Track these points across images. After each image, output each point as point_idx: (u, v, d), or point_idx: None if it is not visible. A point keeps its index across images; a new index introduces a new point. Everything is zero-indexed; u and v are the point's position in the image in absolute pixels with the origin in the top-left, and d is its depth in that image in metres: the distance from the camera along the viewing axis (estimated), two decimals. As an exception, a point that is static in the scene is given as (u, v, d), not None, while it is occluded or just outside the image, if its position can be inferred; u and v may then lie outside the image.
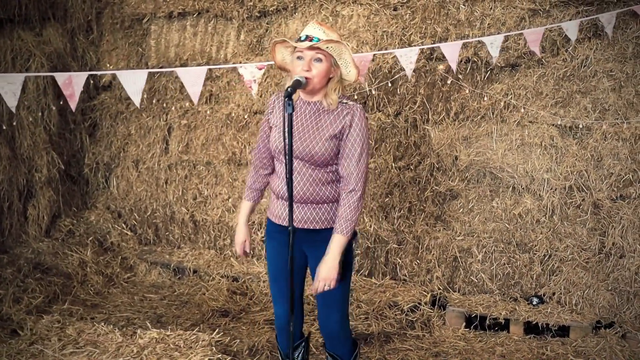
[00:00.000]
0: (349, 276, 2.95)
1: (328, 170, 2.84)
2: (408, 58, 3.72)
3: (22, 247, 5.25)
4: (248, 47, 5.36)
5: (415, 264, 4.82)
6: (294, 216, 2.79)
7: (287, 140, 2.62)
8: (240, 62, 5.26)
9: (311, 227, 2.86)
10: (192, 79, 3.37)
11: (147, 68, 5.67)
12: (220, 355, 3.17)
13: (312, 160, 2.80)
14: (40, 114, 5.31)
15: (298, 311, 3.09)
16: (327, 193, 2.85)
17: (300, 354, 3.21)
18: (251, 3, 5.27)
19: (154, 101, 5.70)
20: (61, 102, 5.37)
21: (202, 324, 4.47)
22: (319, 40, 2.72)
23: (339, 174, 2.86)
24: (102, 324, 3.57)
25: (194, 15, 5.51)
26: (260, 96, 5.21)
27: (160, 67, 5.59)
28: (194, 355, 3.12)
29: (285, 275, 2.90)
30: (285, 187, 2.78)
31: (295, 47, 2.78)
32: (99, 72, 3.58)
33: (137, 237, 5.80)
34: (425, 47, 4.27)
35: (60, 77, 3.26)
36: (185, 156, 5.57)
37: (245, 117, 5.29)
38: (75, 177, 5.93)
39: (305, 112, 2.85)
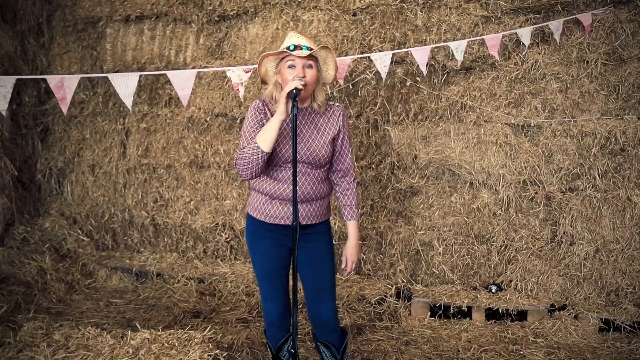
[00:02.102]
0: (334, 263, 3.14)
1: (325, 169, 3.07)
2: (382, 62, 3.93)
3: (-24, 257, 5.09)
4: (207, 51, 5.41)
5: (379, 259, 5.02)
6: (290, 215, 2.96)
7: (294, 141, 2.75)
8: (201, 66, 5.30)
9: (309, 223, 3.03)
10: (182, 82, 3.42)
11: (103, 72, 5.61)
12: (217, 351, 3.23)
13: (317, 162, 2.98)
14: (-8, 118, 5.17)
15: (288, 305, 3.22)
16: (324, 190, 3.07)
17: (290, 346, 3.32)
18: (211, 7, 5.33)
19: (109, 105, 5.64)
20: (14, 106, 5.25)
21: (175, 326, 4.49)
22: (307, 48, 2.89)
23: (330, 170, 3.12)
24: (90, 327, 3.54)
25: (152, 19, 5.51)
26: (223, 99, 5.29)
27: (116, 71, 5.55)
28: (193, 352, 3.17)
29: (279, 272, 3.09)
30: (289, 189, 2.93)
31: (284, 57, 2.92)
32: (94, 75, 3.53)
33: (94, 242, 5.72)
34: (399, 51, 4.49)
35: (52, 80, 3.25)
36: (144, 160, 5.54)
37: (207, 119, 5.33)
38: (27, 183, 5.77)
39: (300, 119, 2.99)
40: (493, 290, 4.70)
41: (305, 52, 2.87)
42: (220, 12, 5.33)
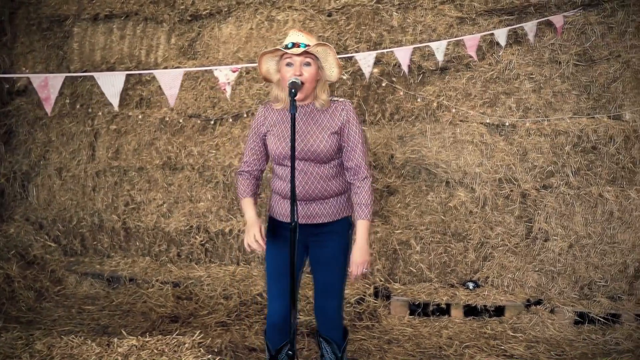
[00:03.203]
0: (347, 264, 3.10)
1: (332, 165, 3.01)
2: (366, 62, 3.94)
3: (-64, 265, 4.87)
4: (180, 51, 5.33)
5: (356, 259, 5.02)
6: (304, 213, 2.98)
7: (292, 139, 2.74)
8: (173, 66, 5.22)
9: (320, 222, 3.00)
10: (169, 81, 3.35)
11: (69, 72, 5.45)
12: (210, 356, 3.17)
13: (317, 158, 2.95)
14: (-47, 121, 4.96)
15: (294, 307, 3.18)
16: (334, 187, 3.01)
17: (289, 348, 3.29)
18: (183, 7, 5.25)
19: (77, 106, 5.49)
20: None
21: (154, 331, 4.39)
22: (306, 45, 2.88)
23: (342, 167, 3.05)
24: (72, 336, 3.43)
25: (122, 18, 5.39)
26: (196, 100, 5.21)
27: (84, 71, 5.40)
28: (184, 358, 3.11)
29: (288, 272, 3.04)
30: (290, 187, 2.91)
31: (283, 55, 2.91)
32: (79, 74, 3.41)
33: (61, 248, 5.55)
34: (384, 51, 4.51)
35: (36, 79, 3.13)
36: (115, 162, 5.42)
37: (180, 121, 5.25)
38: (-11, 187, 5.58)
39: (301, 115, 2.97)
40: (470, 287, 4.77)
41: (299, 50, 2.86)
42: (193, 11, 5.27)
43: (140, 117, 5.34)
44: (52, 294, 5.08)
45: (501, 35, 4.43)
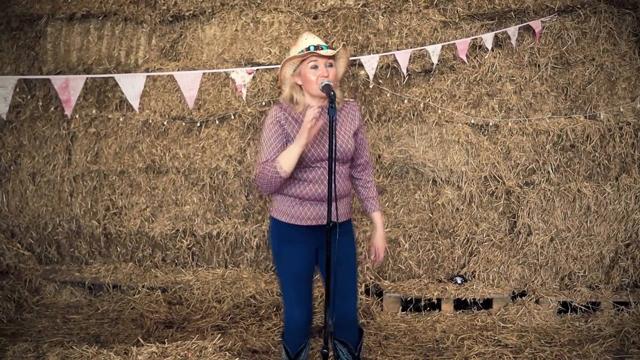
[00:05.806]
0: (357, 263, 3.17)
1: (348, 166, 3.10)
2: (370, 64, 4.03)
3: None
4: (161, 52, 5.23)
5: (345, 258, 5.09)
6: (319, 214, 3.00)
7: (331, 143, 2.78)
8: (155, 68, 5.12)
9: (337, 221, 3.01)
10: (189, 83, 3.30)
11: (42, 73, 5.25)
12: (238, 359, 3.15)
13: (344, 158, 3.00)
14: None
15: (312, 311, 3.21)
16: (348, 186, 3.10)
17: (306, 352, 3.31)
18: (164, 7, 5.15)
19: (50, 109, 5.28)
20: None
21: (150, 338, 4.31)
22: (326, 47, 2.95)
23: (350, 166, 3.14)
24: (85, 346, 3.31)
25: (99, 18, 5.23)
26: (180, 102, 5.13)
27: (58, 73, 5.21)
28: (212, 362, 3.08)
29: (307, 276, 3.08)
30: (320, 188, 2.95)
31: (305, 59, 2.94)
32: (99, 76, 3.27)
33: (35, 256, 5.33)
34: (384, 54, 4.60)
35: (57, 81, 3.02)
36: (94, 166, 5.24)
37: (165, 123, 5.15)
38: (-44, 195, 5.28)
39: (324, 116, 2.99)
40: (458, 282, 4.94)
41: (331, 52, 2.92)
42: (175, 12, 5.18)
43: (121, 119, 5.20)
44: (31, 304, 4.89)
45: (488, 39, 4.62)
